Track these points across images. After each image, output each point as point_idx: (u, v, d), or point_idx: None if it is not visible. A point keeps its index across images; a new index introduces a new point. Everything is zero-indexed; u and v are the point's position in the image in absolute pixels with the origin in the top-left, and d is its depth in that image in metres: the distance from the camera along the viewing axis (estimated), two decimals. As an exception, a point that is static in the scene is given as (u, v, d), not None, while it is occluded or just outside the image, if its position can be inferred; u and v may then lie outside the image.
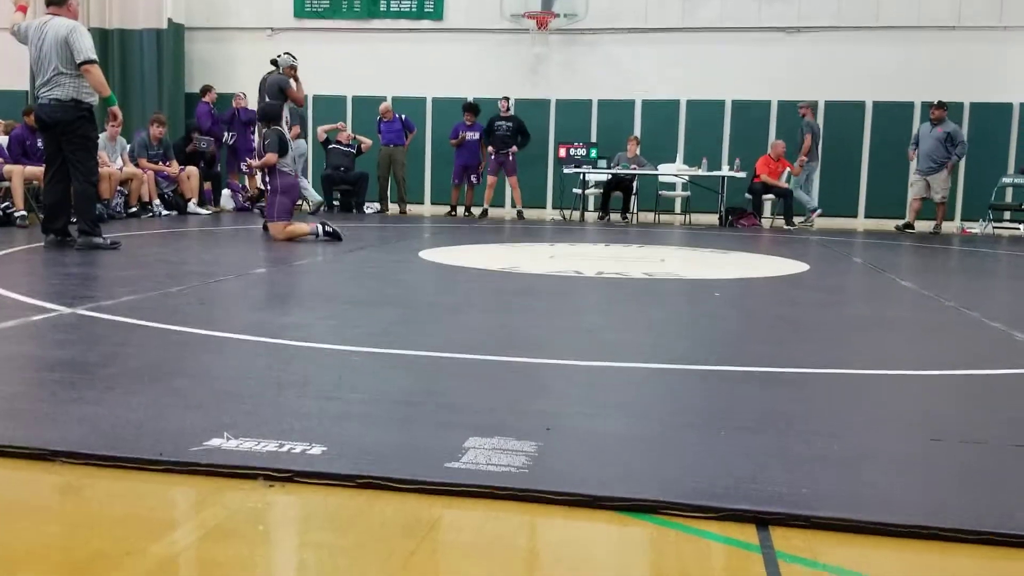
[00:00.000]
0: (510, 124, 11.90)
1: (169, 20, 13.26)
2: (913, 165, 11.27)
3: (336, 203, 12.27)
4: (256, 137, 10.97)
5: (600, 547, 1.57)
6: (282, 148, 7.41)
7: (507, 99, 12.12)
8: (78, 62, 6.13)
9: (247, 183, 11.90)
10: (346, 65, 13.38)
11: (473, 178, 12.21)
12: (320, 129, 12.26)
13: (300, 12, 13.79)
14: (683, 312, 4.46)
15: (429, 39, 13.49)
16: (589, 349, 3.34)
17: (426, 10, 13.52)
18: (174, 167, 10.74)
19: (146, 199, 10.21)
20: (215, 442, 1.98)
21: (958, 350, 3.52)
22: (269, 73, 8.11)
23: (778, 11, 12.59)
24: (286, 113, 7.97)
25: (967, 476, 1.93)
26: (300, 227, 7.47)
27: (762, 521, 1.67)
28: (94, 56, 6.21)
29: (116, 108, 6.98)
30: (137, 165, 10.32)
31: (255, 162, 8.01)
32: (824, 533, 1.64)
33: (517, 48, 13.28)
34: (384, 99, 13.15)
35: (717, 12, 12.78)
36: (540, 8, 12.83)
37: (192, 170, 10.98)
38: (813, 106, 11.95)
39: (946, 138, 10.88)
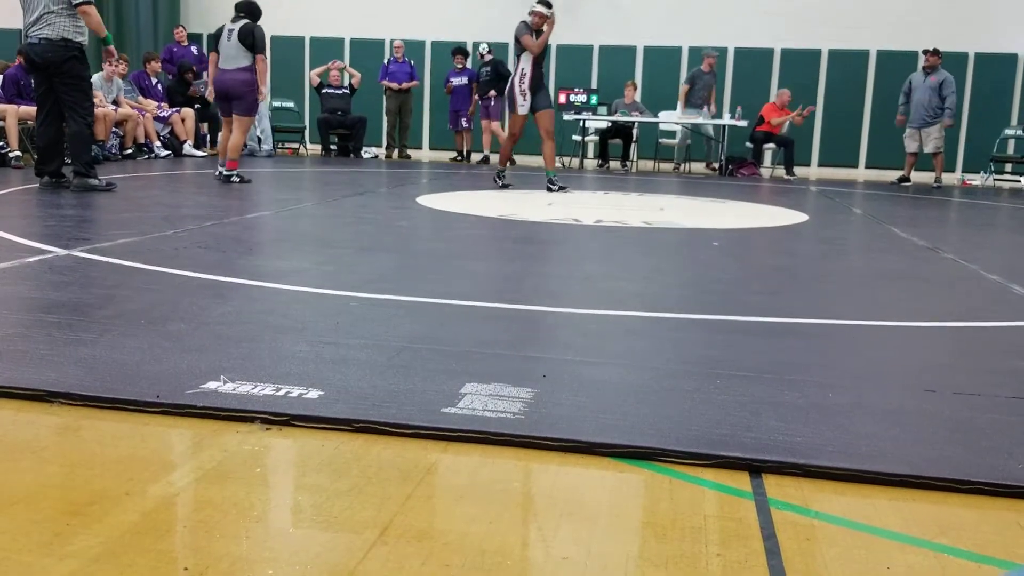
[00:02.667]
0: (489, 69, 11.75)
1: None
2: (907, 142, 10.93)
3: (333, 148, 12.16)
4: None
5: (594, 492, 1.59)
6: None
7: (486, 45, 11.97)
8: (74, 3, 6.01)
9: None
10: (344, 6, 13.16)
11: (464, 122, 12.12)
12: (312, 74, 12.07)
13: (298, -49, 13.51)
14: (681, 261, 4.45)
15: (428, -20, 13.25)
16: (587, 297, 3.34)
17: (426, -49, 13.25)
18: (149, 104, 10.58)
19: (141, 140, 10.12)
20: (212, 385, 1.99)
21: (955, 302, 3.53)
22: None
23: (783, -43, 12.36)
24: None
25: (961, 427, 1.94)
26: None
27: (755, 469, 1.68)
28: None
29: (112, 47, 6.87)
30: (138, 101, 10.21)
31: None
32: (817, 481, 1.65)
33: (517, -9, 13.05)
34: (382, 41, 12.97)
35: (721, -44, 12.54)
36: (541, -52, 12.55)
37: (188, 112, 10.86)
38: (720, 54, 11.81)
39: (939, 87, 10.53)
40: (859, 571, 1.33)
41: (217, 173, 7.61)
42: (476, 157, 12.19)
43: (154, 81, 10.99)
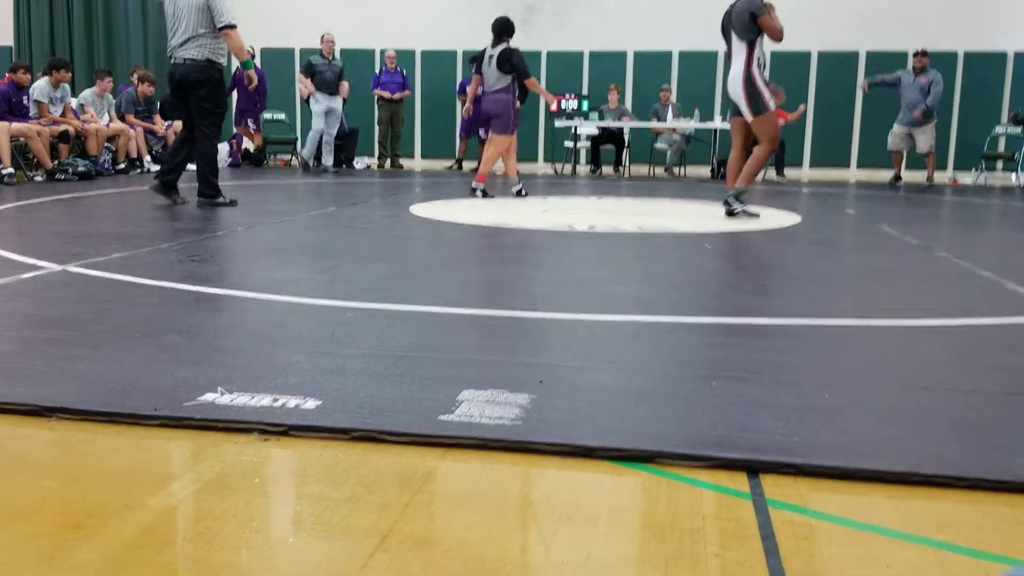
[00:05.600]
0: None
1: (155, -29, 13.03)
2: (891, 141, 10.94)
3: (301, 156, 12.16)
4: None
5: (593, 496, 1.59)
6: None
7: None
8: (219, 26, 6.23)
9: (246, 140, 11.76)
10: (334, 17, 13.18)
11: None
12: (301, 85, 12.06)
13: (287, -38, 13.55)
14: (675, 265, 4.47)
15: (417, -10, 13.29)
16: (581, 302, 3.34)
17: (414, -39, 13.30)
18: (159, 123, 10.61)
19: (134, 155, 10.12)
20: (209, 397, 1.99)
21: (949, 300, 3.54)
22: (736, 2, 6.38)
23: (771, -41, 12.41)
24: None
25: (957, 424, 1.95)
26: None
27: (753, 469, 1.69)
28: (234, 20, 6.30)
29: (252, 72, 7.03)
30: (124, 120, 10.20)
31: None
32: (814, 480, 1.66)
33: (507, -1, 13.09)
34: (371, 52, 12.99)
35: (710, -40, 12.59)
36: (530, -42, 12.62)
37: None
38: None
39: (928, 87, 10.54)
40: (858, 569, 1.34)
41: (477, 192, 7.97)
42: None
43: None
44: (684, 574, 1.31)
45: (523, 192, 8.11)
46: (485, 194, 7.89)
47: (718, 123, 11.55)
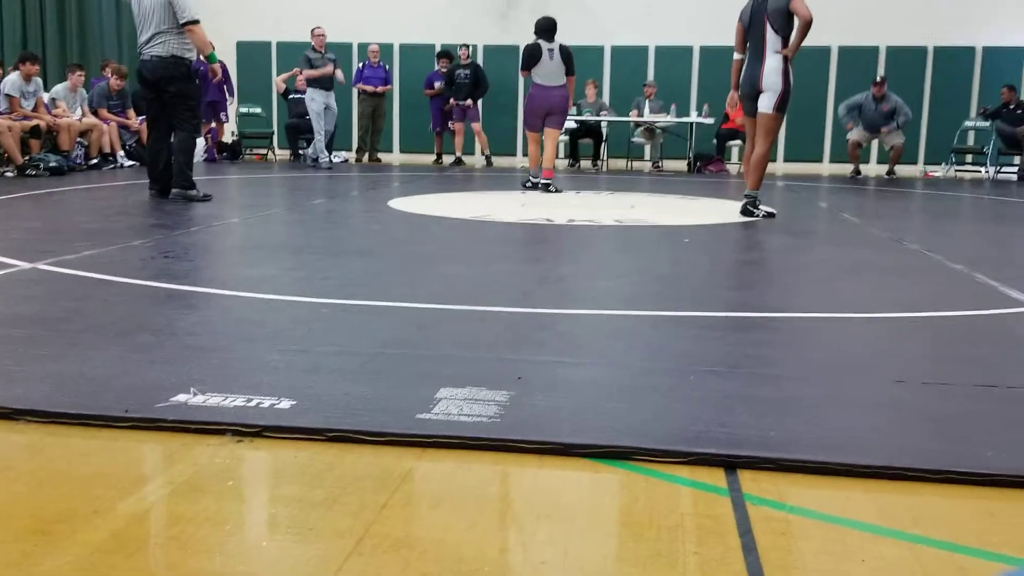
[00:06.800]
0: (469, 72, 11.74)
1: (128, -36, 12.85)
2: (852, 134, 11.09)
3: (303, 153, 12.08)
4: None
5: (572, 494, 1.59)
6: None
7: (467, 47, 11.92)
8: (180, 23, 6.27)
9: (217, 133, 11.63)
10: (311, 11, 13.05)
11: (451, 124, 12.10)
12: (278, 80, 11.98)
13: (261, -43, 13.42)
14: (653, 259, 4.47)
15: (395, -17, 13.21)
16: (560, 297, 3.34)
17: (392, -46, 13.22)
18: (132, 118, 10.49)
19: (107, 150, 10.00)
20: (182, 397, 1.96)
21: (921, 292, 3.57)
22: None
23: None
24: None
25: (931, 417, 1.96)
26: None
27: (730, 464, 1.69)
28: (197, 16, 6.34)
29: (217, 65, 7.08)
30: (96, 115, 10.07)
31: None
32: (791, 475, 1.66)
33: (486, -7, 13.06)
34: (349, 45, 12.90)
35: (685, -44, 12.62)
36: (509, -48, 12.58)
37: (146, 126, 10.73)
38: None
39: (890, 113, 10.84)
40: (834, 564, 1.34)
41: (528, 183, 8.18)
42: (469, 159, 12.19)
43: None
44: (662, 572, 1.31)
45: (551, 188, 8.14)
46: (556, 189, 8.07)
47: (694, 117, 11.58)
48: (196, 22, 6.32)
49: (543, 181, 8.10)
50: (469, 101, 11.70)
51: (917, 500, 1.58)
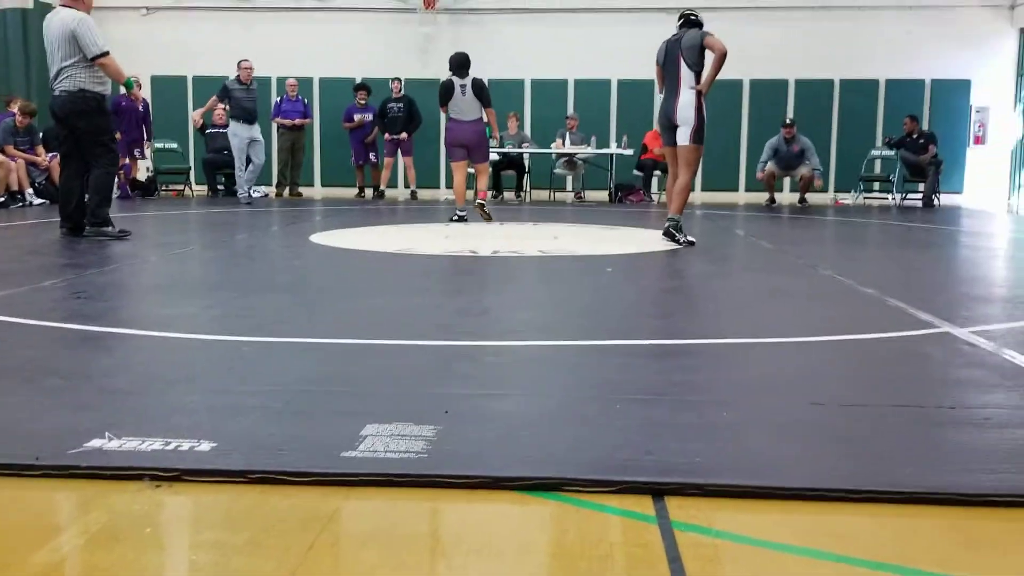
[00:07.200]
0: (402, 105, 11.78)
1: (35, 0, 12.51)
2: (767, 166, 11.61)
3: (220, 188, 11.87)
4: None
5: (502, 527, 1.58)
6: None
7: (399, 80, 11.95)
8: (90, 58, 6.04)
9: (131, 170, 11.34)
10: (227, 45, 12.89)
11: (372, 156, 12.07)
12: (195, 114, 11.76)
13: (176, -11, 13.24)
14: (577, 288, 4.51)
15: (313, 18, 13.17)
16: (486, 328, 3.34)
17: (308, -12, 13.20)
18: (41, 155, 10.15)
19: (15, 188, 9.65)
20: (96, 443, 1.89)
21: (835, 316, 3.68)
22: (683, 35, 6.20)
23: (659, -9, 12.84)
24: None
25: (849, 437, 2.02)
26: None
27: (658, 492, 1.70)
28: (105, 47, 6.09)
29: (137, 91, 6.91)
30: (3, 152, 9.73)
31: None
32: (717, 500, 1.68)
33: (406, 27, 13.10)
34: (268, 80, 12.76)
35: (599, -9, 12.94)
36: (426, -13, 12.69)
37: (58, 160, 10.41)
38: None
39: (800, 153, 11.43)
40: (762, 587, 1.36)
41: (455, 217, 8.26)
42: (392, 192, 12.13)
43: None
44: (594, 603, 1.30)
45: (484, 208, 8.25)
46: (488, 214, 8.16)
47: (614, 148, 11.80)
48: (106, 54, 6.11)
49: (478, 201, 8.21)
50: (404, 134, 11.71)
51: (840, 520, 1.61)
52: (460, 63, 8.20)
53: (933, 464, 1.84)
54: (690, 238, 6.25)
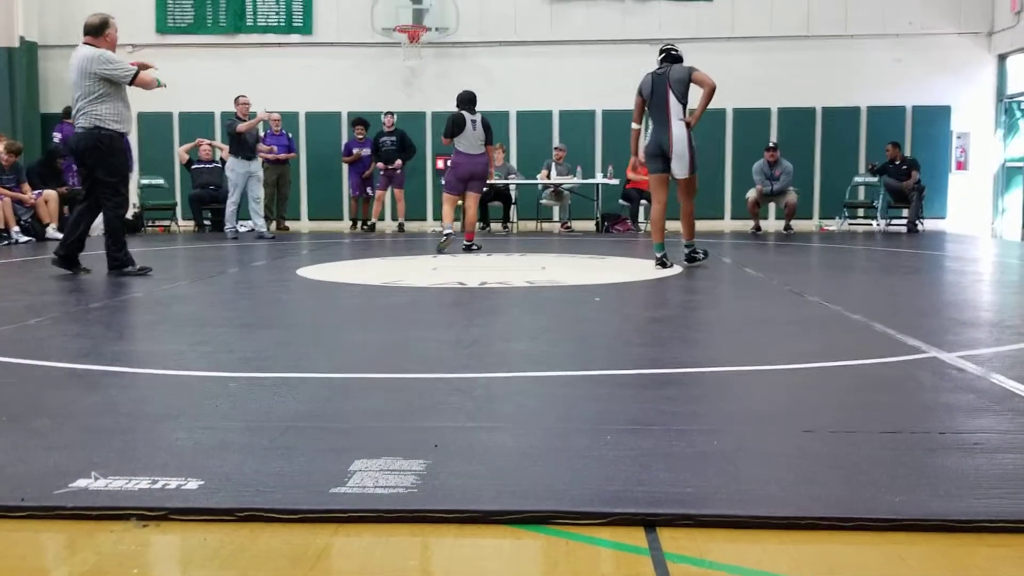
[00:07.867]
0: (395, 139, 11.89)
1: (21, 38, 12.56)
2: (750, 192, 11.81)
3: (207, 223, 11.86)
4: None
5: (493, 562, 1.56)
6: None
7: (391, 114, 12.07)
8: (125, 84, 6.08)
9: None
10: (213, 81, 12.95)
11: (369, 190, 12.20)
12: (180, 151, 11.80)
13: (162, 27, 13.32)
14: (565, 319, 4.52)
15: (299, 53, 13.26)
16: (473, 361, 3.33)
17: (295, 24, 13.30)
18: (27, 193, 10.13)
19: (1, 226, 9.61)
20: (82, 483, 1.86)
21: (824, 343, 3.69)
22: (668, 69, 6.44)
23: (640, 22, 12.99)
24: None
25: (839, 465, 2.01)
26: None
27: (650, 523, 1.69)
28: (131, 71, 6.09)
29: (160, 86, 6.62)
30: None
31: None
32: (709, 530, 1.68)
33: (390, 61, 13.19)
34: (254, 115, 12.81)
35: (582, 24, 13.07)
36: (411, 22, 12.79)
37: (50, 194, 10.38)
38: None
39: (782, 175, 11.62)
40: (756, 618, 1.35)
41: (443, 238, 8.50)
42: (382, 225, 12.20)
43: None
44: (587, 638, 1.29)
45: (473, 247, 8.52)
46: (478, 247, 8.54)
47: (599, 179, 11.87)
48: (136, 73, 6.09)
49: (465, 243, 8.47)
50: (399, 162, 11.81)
51: (831, 548, 1.61)
52: (470, 99, 8.61)
53: (924, 490, 1.83)
54: (704, 250, 6.89)
